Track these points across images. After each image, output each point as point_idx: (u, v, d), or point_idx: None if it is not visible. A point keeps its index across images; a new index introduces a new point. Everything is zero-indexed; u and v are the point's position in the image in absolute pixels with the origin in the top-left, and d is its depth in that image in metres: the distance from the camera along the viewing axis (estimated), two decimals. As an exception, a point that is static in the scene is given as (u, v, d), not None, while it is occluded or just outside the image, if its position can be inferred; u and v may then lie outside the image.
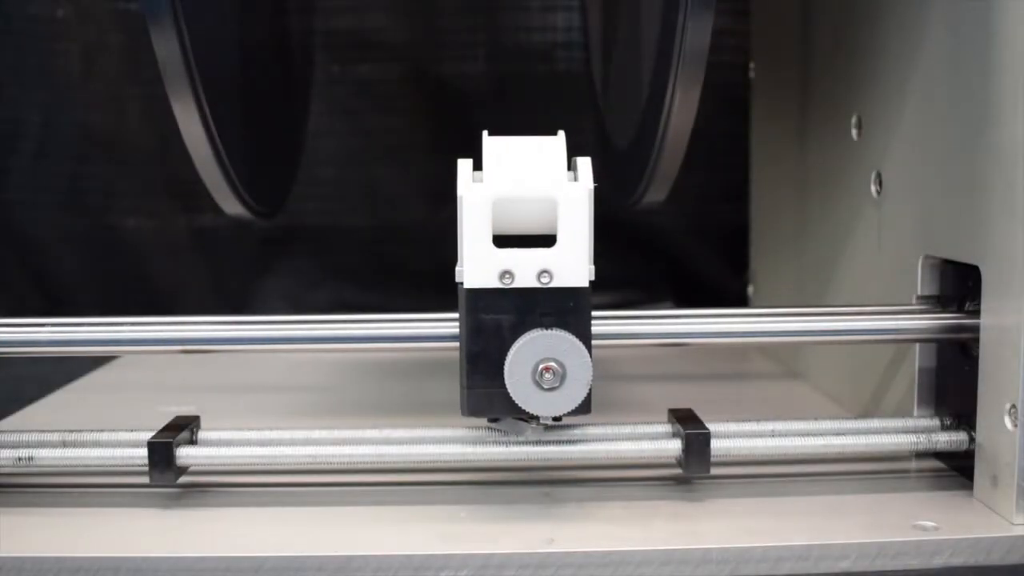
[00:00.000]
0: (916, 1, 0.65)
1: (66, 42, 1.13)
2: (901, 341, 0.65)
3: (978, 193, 0.57)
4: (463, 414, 0.56)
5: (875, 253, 0.72)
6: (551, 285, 0.54)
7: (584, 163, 0.57)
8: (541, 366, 0.53)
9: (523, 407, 0.54)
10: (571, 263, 0.54)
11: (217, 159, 0.67)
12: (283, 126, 0.89)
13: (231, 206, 0.73)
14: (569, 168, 0.57)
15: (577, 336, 0.54)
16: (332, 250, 1.19)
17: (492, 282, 0.54)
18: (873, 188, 0.72)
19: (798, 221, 0.90)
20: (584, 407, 0.54)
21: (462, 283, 0.55)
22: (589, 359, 0.54)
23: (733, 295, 1.16)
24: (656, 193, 0.73)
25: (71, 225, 1.16)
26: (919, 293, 0.65)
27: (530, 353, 0.54)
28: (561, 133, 0.58)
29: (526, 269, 0.54)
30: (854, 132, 0.76)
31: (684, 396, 0.78)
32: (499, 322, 0.54)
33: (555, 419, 0.57)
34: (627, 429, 0.60)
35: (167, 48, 0.61)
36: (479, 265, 0.54)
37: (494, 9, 1.16)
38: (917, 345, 0.65)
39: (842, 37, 0.79)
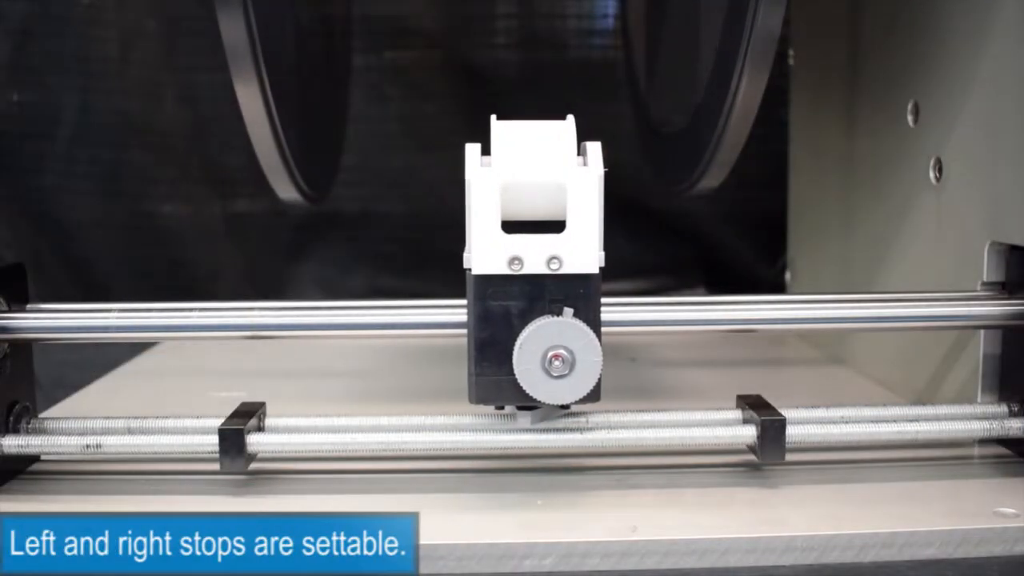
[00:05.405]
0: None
1: (103, 28, 1.12)
2: (967, 327, 0.65)
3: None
4: (471, 401, 0.55)
5: (934, 240, 0.72)
6: (560, 271, 0.53)
7: (594, 147, 0.55)
8: (550, 353, 0.52)
9: (532, 395, 0.53)
10: (581, 249, 0.53)
11: (277, 143, 0.67)
12: (330, 111, 0.89)
13: (285, 191, 0.72)
14: (579, 153, 0.55)
15: (587, 323, 0.53)
16: (367, 237, 1.19)
17: (501, 268, 0.53)
18: (932, 175, 0.72)
19: (843, 208, 0.89)
20: (593, 395, 0.53)
21: (470, 269, 0.54)
22: (599, 346, 0.53)
23: (767, 283, 1.15)
24: (712, 179, 0.73)
25: (107, 211, 1.16)
26: (984, 279, 0.65)
27: (539, 340, 0.52)
28: (571, 117, 0.56)
29: (535, 255, 0.53)
30: (910, 119, 0.75)
31: (724, 383, 0.78)
32: (508, 309, 0.53)
33: (563, 407, 0.56)
34: (698, 415, 0.60)
35: (234, 31, 0.60)
36: (487, 251, 0.53)
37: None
38: (982, 332, 0.65)
39: (897, 19, 0.78)
